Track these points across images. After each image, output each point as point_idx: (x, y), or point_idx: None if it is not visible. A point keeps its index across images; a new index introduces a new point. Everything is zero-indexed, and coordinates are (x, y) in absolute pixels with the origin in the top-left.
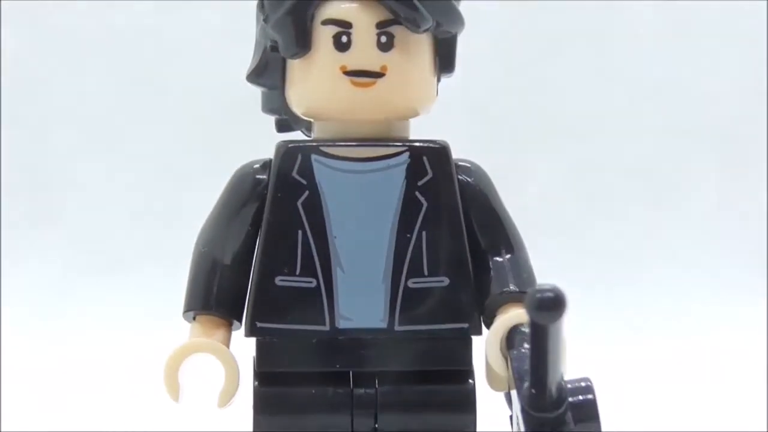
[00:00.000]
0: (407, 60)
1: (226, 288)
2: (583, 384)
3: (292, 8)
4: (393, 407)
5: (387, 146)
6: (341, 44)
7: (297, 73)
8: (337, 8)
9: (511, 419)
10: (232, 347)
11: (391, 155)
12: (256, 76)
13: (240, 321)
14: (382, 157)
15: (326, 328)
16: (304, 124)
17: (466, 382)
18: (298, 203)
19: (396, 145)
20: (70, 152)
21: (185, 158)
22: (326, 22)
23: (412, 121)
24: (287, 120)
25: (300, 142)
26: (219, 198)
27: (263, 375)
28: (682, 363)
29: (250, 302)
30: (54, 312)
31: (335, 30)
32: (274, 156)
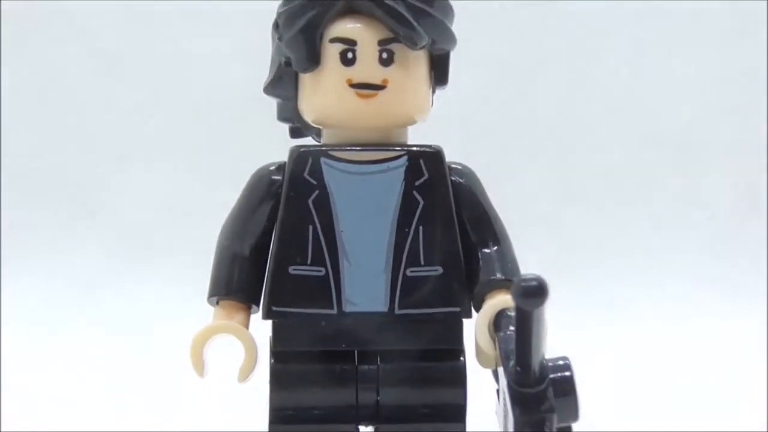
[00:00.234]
0: (406, 74)
1: (246, 276)
2: (561, 362)
3: (303, 28)
4: (393, 382)
5: (388, 150)
6: (347, 60)
7: (308, 86)
8: (343, 28)
9: (498, 393)
10: (251, 329)
11: (391, 158)
12: (271, 88)
13: (258, 305)
14: (384, 160)
15: (334, 311)
16: (315, 130)
17: (458, 360)
18: (309, 201)
19: (396, 149)
20: (109, 156)
21: (210, 161)
22: (334, 40)
23: (410, 128)
24: (299, 127)
25: (311, 147)
26: (239, 196)
27: (278, 353)
28: (647, 342)
29: (266, 289)
30: (88, 302)
31: (342, 47)
32: (288, 159)
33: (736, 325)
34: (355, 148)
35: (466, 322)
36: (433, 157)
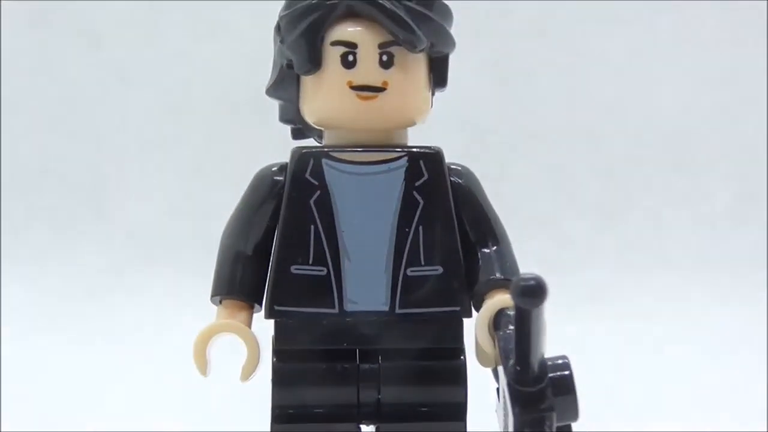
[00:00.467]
0: (405, 76)
1: (248, 275)
2: (561, 361)
3: (305, 31)
4: (394, 380)
5: (388, 152)
6: (348, 62)
7: (309, 88)
8: (344, 31)
9: (498, 392)
10: (253, 328)
11: (391, 159)
12: (274, 90)
13: (260, 304)
14: (384, 161)
15: (335, 311)
16: (316, 132)
17: (458, 359)
18: (311, 201)
19: (396, 150)
20: (112, 157)
21: (212, 162)
22: (335, 43)
23: (410, 130)
24: (301, 128)
25: (312, 148)
26: (241, 197)
27: (280, 352)
28: (647, 341)
29: (269, 288)
30: (99, 300)
31: (343, 50)
32: (290, 160)
33: (736, 324)
34: (356, 149)
35: (466, 321)
36: (433, 158)
